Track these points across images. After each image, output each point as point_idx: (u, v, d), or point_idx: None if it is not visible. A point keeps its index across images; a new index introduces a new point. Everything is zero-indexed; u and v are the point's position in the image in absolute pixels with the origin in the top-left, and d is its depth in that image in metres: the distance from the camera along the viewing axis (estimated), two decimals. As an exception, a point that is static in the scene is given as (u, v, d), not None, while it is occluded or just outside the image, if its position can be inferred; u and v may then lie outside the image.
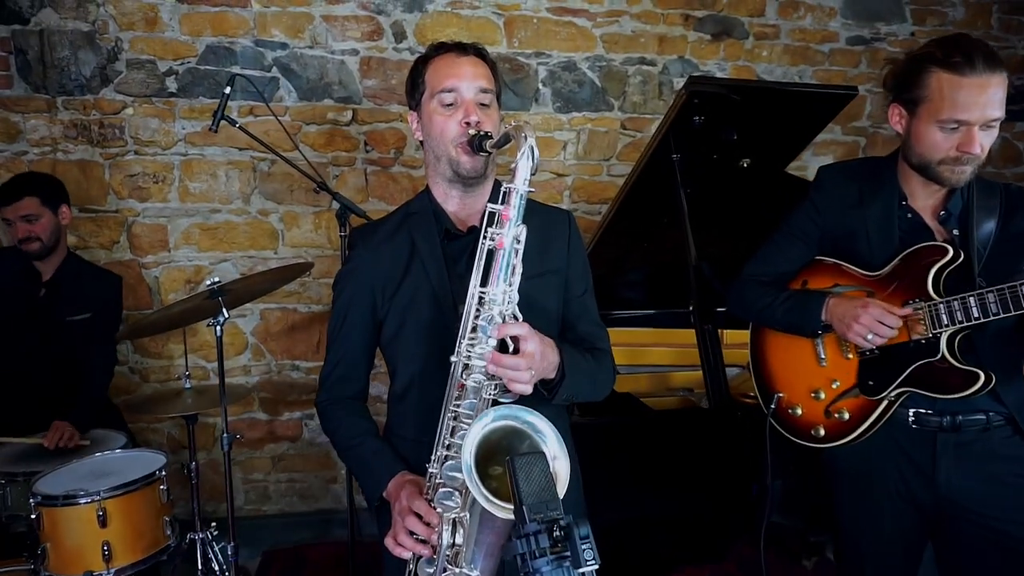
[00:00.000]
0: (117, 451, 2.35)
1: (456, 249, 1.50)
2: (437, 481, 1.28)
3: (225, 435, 2.36)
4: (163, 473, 2.19)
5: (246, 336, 3.38)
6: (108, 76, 3.08)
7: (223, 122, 2.47)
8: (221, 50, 3.15)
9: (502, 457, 1.16)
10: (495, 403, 1.25)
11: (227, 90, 2.42)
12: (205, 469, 3.34)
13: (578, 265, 1.59)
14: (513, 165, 1.29)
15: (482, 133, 1.40)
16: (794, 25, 3.66)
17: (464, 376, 1.26)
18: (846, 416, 1.74)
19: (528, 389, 1.24)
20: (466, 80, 1.45)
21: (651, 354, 2.86)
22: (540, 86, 3.45)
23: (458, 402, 1.27)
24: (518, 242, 1.26)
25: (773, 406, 1.87)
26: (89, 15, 3.03)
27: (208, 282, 2.28)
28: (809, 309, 1.78)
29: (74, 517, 2.02)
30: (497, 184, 1.59)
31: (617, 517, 1.99)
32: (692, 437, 2.07)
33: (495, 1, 3.35)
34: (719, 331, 2.37)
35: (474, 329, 1.26)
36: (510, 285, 1.25)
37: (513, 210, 1.26)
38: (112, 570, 2.04)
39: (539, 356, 1.25)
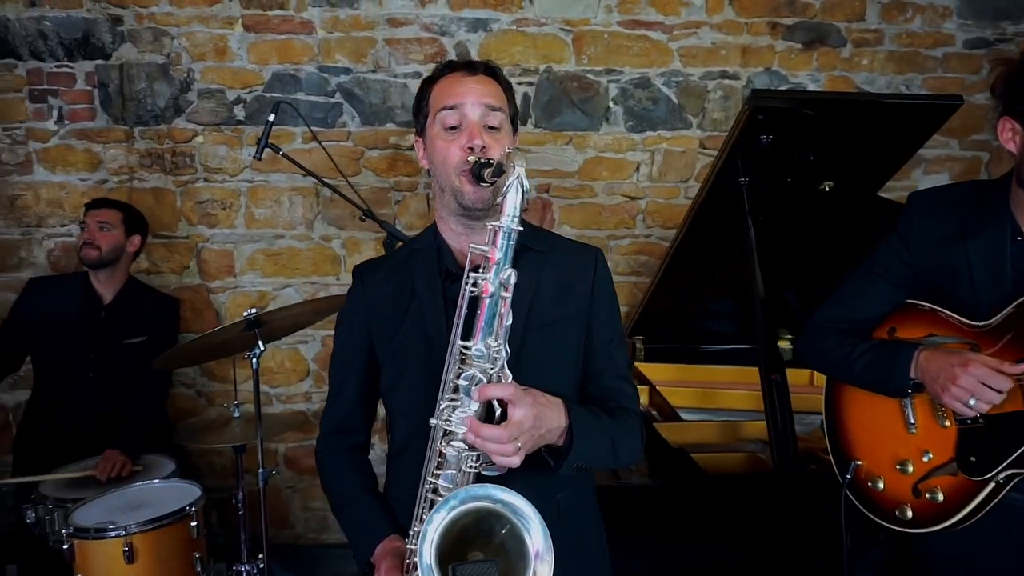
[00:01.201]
0: (156, 482, 2.33)
1: (458, 291, 1.34)
2: (415, 559, 1.11)
3: (261, 471, 2.30)
4: (193, 509, 2.14)
5: (308, 362, 3.35)
6: (181, 106, 3.15)
7: (290, 148, 2.43)
8: (287, 77, 3.16)
9: (481, 541, 0.98)
10: (479, 476, 1.07)
11: (271, 118, 2.39)
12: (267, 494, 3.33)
13: (604, 311, 1.38)
14: (499, 199, 1.11)
15: (482, 160, 1.23)
16: (900, 29, 3.27)
17: (444, 443, 1.09)
18: (940, 497, 1.43)
19: (514, 462, 1.05)
20: (471, 98, 1.30)
21: (725, 397, 2.57)
22: (611, 104, 3.25)
23: (438, 472, 1.10)
24: (505, 289, 1.08)
25: (850, 476, 1.58)
26: (164, 48, 3.11)
27: (245, 313, 2.24)
28: (896, 364, 1.49)
29: (101, 552, 2.00)
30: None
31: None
32: (749, 509, 1.79)
33: (563, 17, 3.20)
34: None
35: (455, 389, 1.09)
36: (496, 339, 1.07)
37: (499, 251, 1.08)
38: (138, 607, 2.00)
39: (531, 423, 1.06)
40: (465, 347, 1.08)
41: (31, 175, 3.16)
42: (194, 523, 2.13)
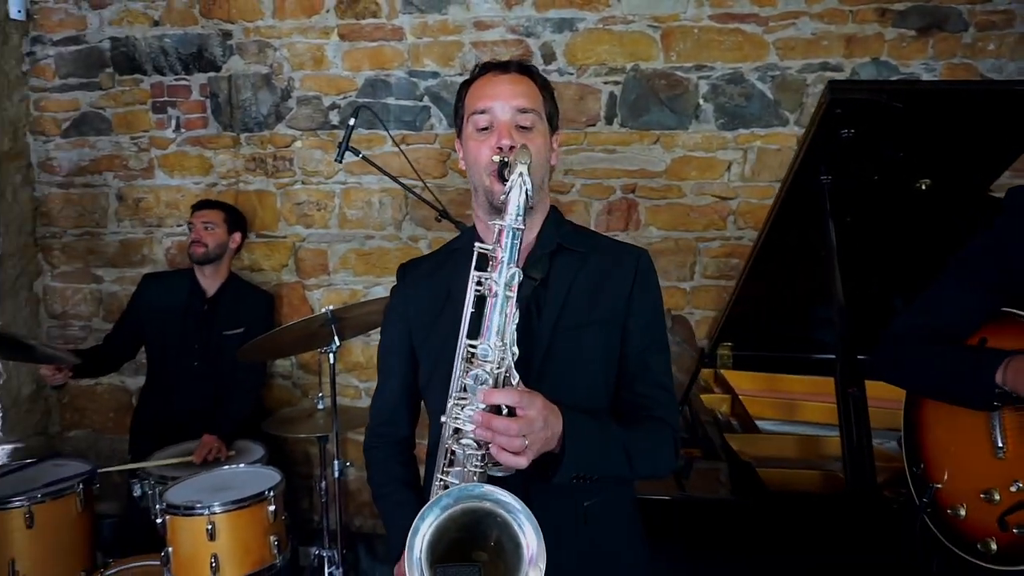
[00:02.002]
0: (242, 466, 2.48)
1: None
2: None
3: (336, 461, 2.39)
4: (272, 494, 2.25)
5: (394, 359, 3.45)
6: (281, 113, 3.34)
7: (380, 151, 2.53)
8: (378, 82, 3.27)
9: (483, 543, 0.97)
10: (490, 479, 1.06)
11: (351, 122, 2.47)
12: (353, 484, 3.48)
13: (643, 315, 1.33)
14: (503, 198, 1.09)
15: (506, 160, 1.22)
16: (1034, 9, 2.94)
17: (452, 441, 1.08)
18: (1029, 532, 1.27)
19: (521, 462, 1.03)
20: (500, 100, 1.29)
21: (808, 409, 2.41)
22: (701, 102, 3.13)
23: (448, 469, 1.09)
24: (510, 289, 1.06)
25: (926, 500, 1.43)
26: (268, 59, 3.31)
27: (324, 309, 2.34)
28: (980, 369, 1.34)
29: (188, 527, 2.15)
30: (554, 209, 1.41)
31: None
32: (815, 531, 1.65)
33: (651, 13, 3.11)
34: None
35: (464, 388, 1.08)
36: (502, 340, 1.05)
37: (504, 251, 1.06)
38: (218, 582, 2.14)
39: (541, 423, 1.04)
40: (472, 346, 1.08)
41: (153, 179, 3.46)
42: (271, 507, 2.24)
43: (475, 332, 1.09)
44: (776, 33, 3.06)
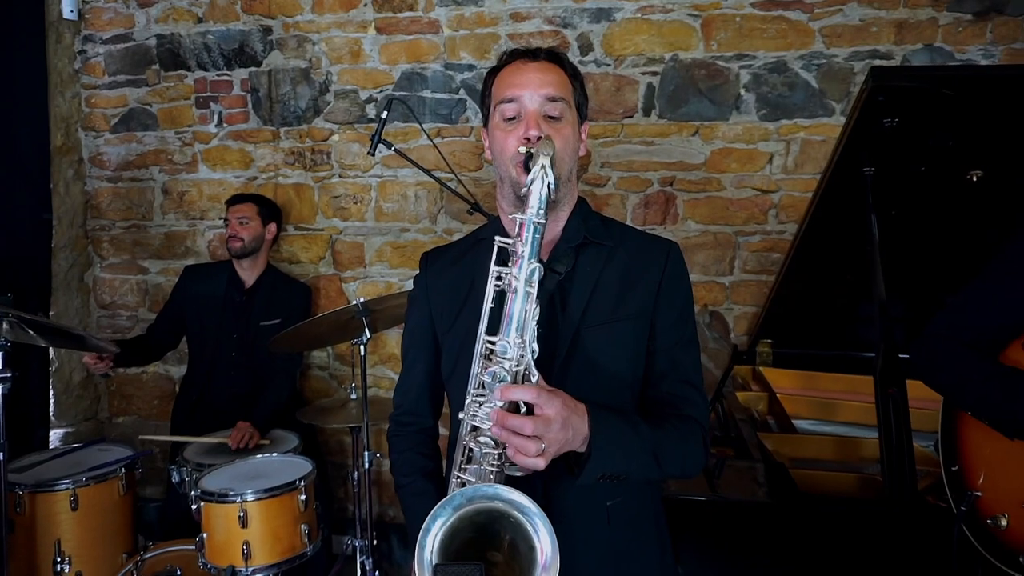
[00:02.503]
0: (275, 455, 2.52)
1: None
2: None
3: (367, 452, 2.41)
4: (302, 483, 2.28)
5: (429, 352, 3.46)
6: (319, 107, 3.37)
7: (416, 144, 2.53)
8: (414, 76, 3.28)
9: (497, 544, 0.95)
10: (507, 478, 1.04)
11: (384, 114, 2.48)
12: (386, 475, 3.50)
13: (672, 310, 1.29)
14: (523, 191, 1.06)
15: (533, 151, 1.19)
16: (1102, -10, 2.78)
17: (470, 438, 1.07)
18: (1076, 545, 1.20)
19: (538, 464, 1.01)
20: (529, 89, 1.26)
21: (847, 409, 2.33)
22: (742, 92, 3.05)
23: (466, 466, 1.08)
24: (531, 285, 1.04)
25: (965, 508, 1.36)
26: (306, 53, 3.35)
27: (355, 301, 2.35)
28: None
29: (221, 514, 2.20)
30: (582, 201, 1.38)
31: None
32: (853, 539, 1.58)
33: (691, 2, 3.04)
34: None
35: (482, 385, 1.06)
36: (522, 337, 1.03)
37: (525, 245, 1.04)
38: (250, 568, 2.18)
39: (560, 424, 1.01)
40: (491, 342, 1.06)
41: (196, 173, 3.53)
42: (302, 496, 2.27)
43: (495, 328, 1.07)
44: (822, 20, 2.96)
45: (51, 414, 3.51)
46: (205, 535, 2.24)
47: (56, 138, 3.45)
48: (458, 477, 1.08)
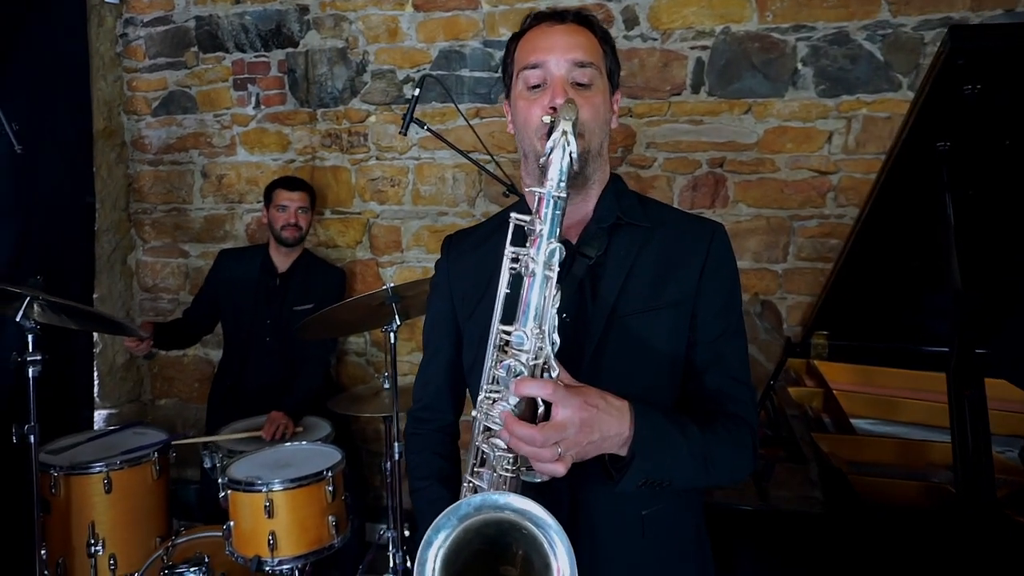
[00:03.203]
0: (304, 444, 2.46)
1: None
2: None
3: (397, 444, 2.33)
4: (330, 474, 2.22)
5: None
6: (356, 88, 3.30)
7: (454, 125, 2.43)
8: (452, 54, 3.17)
9: (511, 558, 0.85)
10: (525, 485, 0.93)
11: (415, 92, 2.38)
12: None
13: (716, 297, 1.16)
14: (542, 160, 0.94)
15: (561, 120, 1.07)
16: None
17: (482, 439, 0.96)
18: None
19: (557, 470, 0.89)
20: (555, 54, 1.14)
21: (911, 408, 2.14)
22: (799, 66, 2.85)
23: (479, 470, 0.97)
24: (550, 268, 0.92)
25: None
26: (343, 32, 3.27)
27: (385, 286, 2.27)
28: None
29: (249, 503, 2.15)
30: (615, 178, 1.25)
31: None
32: (920, 555, 1.42)
33: (745, -31, 2.85)
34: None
35: (495, 379, 0.95)
36: (540, 328, 0.91)
37: (544, 223, 0.92)
38: (276, 559, 2.13)
39: (576, 427, 0.90)
40: (506, 332, 0.94)
41: (235, 156, 3.51)
42: (330, 487, 2.21)
43: (511, 316, 0.96)
44: (889, -14, 2.73)
45: (95, 395, 3.55)
46: (232, 523, 2.20)
47: (98, 122, 3.46)
48: (470, 482, 0.98)
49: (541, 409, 0.90)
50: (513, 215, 0.98)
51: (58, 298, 2.13)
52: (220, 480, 2.21)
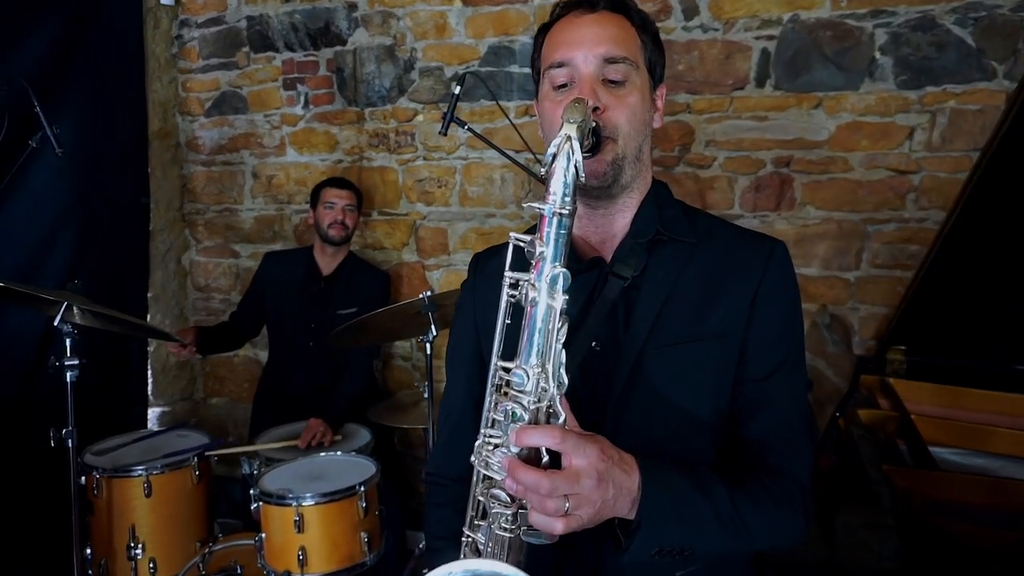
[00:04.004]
0: (339, 454, 2.39)
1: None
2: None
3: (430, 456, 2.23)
4: (363, 489, 2.13)
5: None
6: (404, 86, 3.21)
7: (503, 123, 2.32)
8: (502, 50, 3.05)
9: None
10: (528, 546, 0.80)
11: (456, 90, 2.27)
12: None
13: (770, 328, 1.00)
14: (543, 171, 0.81)
15: (593, 125, 0.94)
16: None
17: (481, 490, 0.83)
18: None
19: (556, 527, 0.76)
20: (583, 48, 1.00)
21: (1004, 438, 1.90)
22: (877, 55, 2.60)
23: (479, 523, 0.84)
24: (553, 297, 0.78)
25: None
26: (391, 29, 3.19)
27: (421, 295, 2.17)
28: None
29: (278, 516, 2.09)
30: (658, 186, 1.11)
31: None
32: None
33: (817, -49, 2.62)
34: None
35: (494, 423, 0.82)
36: (542, 366, 0.77)
37: (546, 244, 0.78)
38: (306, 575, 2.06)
39: (593, 479, 0.76)
40: (505, 369, 0.81)
41: (284, 157, 3.48)
42: (363, 503, 2.12)
43: (512, 351, 0.83)
44: (983, -36, 2.46)
45: (149, 393, 3.60)
46: (263, 536, 2.14)
47: (154, 123, 3.50)
48: (468, 536, 0.85)
49: (545, 459, 0.77)
50: (512, 234, 0.85)
51: (92, 304, 2.11)
52: (252, 491, 2.16)
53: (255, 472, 2.46)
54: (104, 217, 3.22)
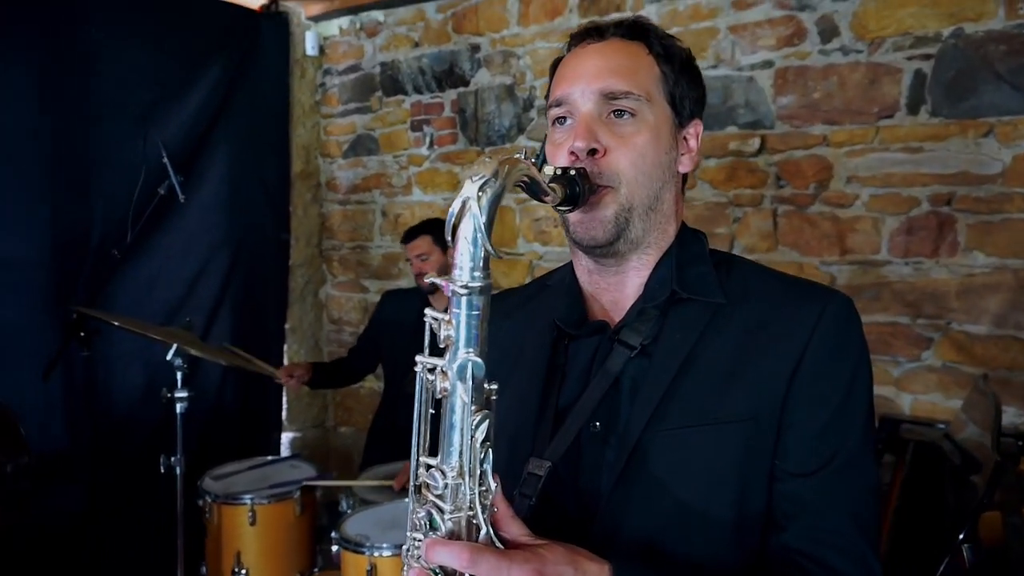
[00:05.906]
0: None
1: (570, 353, 0.92)
2: None
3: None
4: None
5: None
6: (523, 124, 3.18)
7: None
8: (620, 84, 2.91)
9: None
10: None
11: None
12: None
13: (819, 410, 0.80)
14: (447, 236, 0.68)
15: (572, 172, 0.81)
16: None
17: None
18: None
19: None
20: (580, 83, 0.88)
21: None
22: (1066, 72, 2.16)
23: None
24: (466, 390, 0.65)
25: None
26: (511, 68, 3.18)
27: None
28: None
29: (353, 563, 2.06)
30: (687, 239, 0.95)
31: None
32: None
33: (986, -46, 2.24)
34: None
35: (416, 527, 0.69)
36: (462, 468, 0.64)
37: (456, 328, 0.65)
38: (376, 629, 2.00)
39: None
40: (428, 466, 0.69)
41: (411, 196, 3.57)
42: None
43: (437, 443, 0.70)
44: None
45: (283, 419, 3.79)
46: (344, 579, 2.12)
47: (297, 164, 3.74)
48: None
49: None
50: (428, 311, 0.73)
51: (198, 343, 2.24)
52: (332, 534, 2.15)
53: (348, 511, 2.47)
54: (249, 252, 3.47)
